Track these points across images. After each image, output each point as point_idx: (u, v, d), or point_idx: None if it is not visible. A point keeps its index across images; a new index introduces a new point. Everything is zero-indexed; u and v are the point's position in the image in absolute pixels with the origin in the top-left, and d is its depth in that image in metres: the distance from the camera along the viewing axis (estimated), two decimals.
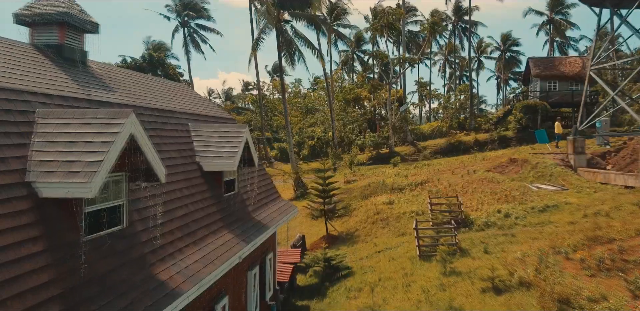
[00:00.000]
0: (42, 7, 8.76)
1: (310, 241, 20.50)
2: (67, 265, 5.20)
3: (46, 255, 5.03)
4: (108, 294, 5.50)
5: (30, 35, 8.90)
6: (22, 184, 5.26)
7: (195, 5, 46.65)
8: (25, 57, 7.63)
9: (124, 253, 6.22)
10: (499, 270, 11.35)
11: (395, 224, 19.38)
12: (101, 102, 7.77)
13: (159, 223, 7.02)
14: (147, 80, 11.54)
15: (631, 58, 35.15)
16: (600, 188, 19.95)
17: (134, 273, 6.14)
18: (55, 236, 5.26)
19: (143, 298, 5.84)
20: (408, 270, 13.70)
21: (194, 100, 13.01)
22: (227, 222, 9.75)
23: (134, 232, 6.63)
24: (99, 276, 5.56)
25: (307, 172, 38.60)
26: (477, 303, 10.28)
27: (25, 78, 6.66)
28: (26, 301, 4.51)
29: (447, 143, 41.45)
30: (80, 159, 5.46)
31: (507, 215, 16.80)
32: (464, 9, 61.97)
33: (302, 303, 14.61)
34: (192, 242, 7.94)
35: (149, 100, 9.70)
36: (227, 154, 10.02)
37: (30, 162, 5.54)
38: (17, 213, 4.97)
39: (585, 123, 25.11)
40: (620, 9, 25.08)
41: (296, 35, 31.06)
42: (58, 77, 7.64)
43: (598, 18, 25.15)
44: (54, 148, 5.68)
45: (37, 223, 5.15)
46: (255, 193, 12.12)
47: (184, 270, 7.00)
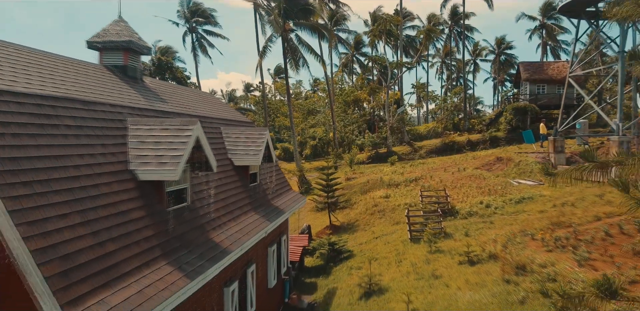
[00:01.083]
0: (110, 35, 11.21)
1: (315, 231, 22.92)
2: (159, 226, 7.62)
3: (147, 218, 7.45)
4: (185, 247, 7.92)
5: (100, 57, 11.34)
6: (127, 171, 7.67)
7: (203, 12, 49.01)
8: (103, 77, 10.05)
9: (191, 222, 8.64)
10: (474, 248, 13.77)
11: (390, 215, 21.81)
12: (163, 111, 10.20)
13: (212, 202, 9.45)
14: (185, 92, 13.98)
15: (607, 65, 37.58)
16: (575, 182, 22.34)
17: (198, 236, 8.57)
18: (150, 207, 7.68)
19: (207, 253, 8.27)
20: (400, 251, 16.14)
21: (221, 107, 15.45)
22: (253, 205, 12.18)
23: (195, 207, 9.05)
24: (178, 235, 7.99)
25: (309, 170, 41.05)
26: (454, 272, 12.71)
27: (112, 94, 9.08)
28: (141, 246, 6.93)
29: (441, 143, 43.86)
30: (167, 154, 7.88)
31: (488, 205, 19.24)
32: (459, 14, 64.36)
33: (310, 280, 17.05)
34: (231, 218, 10.37)
35: (192, 109, 12.13)
36: (253, 152, 12.43)
37: (129, 155, 7.95)
38: (127, 190, 7.39)
39: (564, 125, 27.52)
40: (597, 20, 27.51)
41: (300, 42, 33.49)
42: (130, 92, 10.07)
43: (576, 29, 27.58)
44: (146, 146, 8.09)
45: (139, 197, 7.57)
46: (273, 185, 14.55)
47: (229, 237, 9.43)
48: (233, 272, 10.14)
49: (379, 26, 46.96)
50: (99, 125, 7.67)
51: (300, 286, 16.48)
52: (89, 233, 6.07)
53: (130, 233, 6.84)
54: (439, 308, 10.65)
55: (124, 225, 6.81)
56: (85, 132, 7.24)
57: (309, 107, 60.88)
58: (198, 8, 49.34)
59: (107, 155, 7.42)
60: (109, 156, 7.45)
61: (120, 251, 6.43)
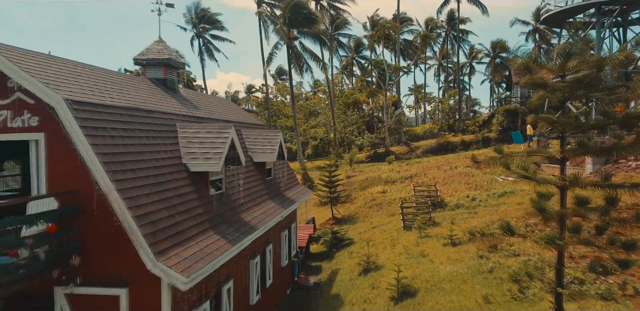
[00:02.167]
0: (152, 53, 13.54)
1: (319, 223, 25.23)
2: (206, 206, 9.94)
3: (197, 200, 9.77)
4: (225, 223, 10.25)
5: (143, 72, 13.68)
6: (181, 164, 9.99)
7: (210, 17, 51.30)
8: (151, 89, 12.38)
9: (227, 205, 10.97)
10: (457, 233, 16.10)
11: (387, 208, 24.15)
12: (199, 117, 12.53)
13: (241, 190, 11.79)
14: (211, 99, 16.33)
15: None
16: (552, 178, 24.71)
17: (233, 215, 10.90)
18: (199, 191, 10.00)
19: (240, 228, 10.60)
20: (394, 237, 18.47)
21: (240, 112, 17.79)
22: (270, 195, 14.51)
23: (228, 194, 11.38)
24: (219, 214, 10.32)
25: (311, 169, 43.37)
26: (439, 251, 15.03)
27: (162, 104, 11.40)
28: (196, 219, 9.25)
29: (436, 144, 46.22)
30: (211, 151, 10.21)
31: (474, 198, 21.57)
32: (455, 19, 66.71)
33: (315, 264, 19.38)
34: (255, 204, 12.70)
35: (219, 114, 14.47)
36: (269, 150, 14.75)
37: (181, 152, 10.27)
38: (183, 178, 9.71)
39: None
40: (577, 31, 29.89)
41: (304, 49, 35.78)
42: (172, 101, 12.40)
43: (559, 38, 29.94)
44: (193, 145, 10.42)
45: (191, 184, 9.89)
46: (285, 179, 16.89)
47: (255, 218, 11.76)
48: (256, 247, 12.46)
49: (378, 32, 49.29)
50: (158, 129, 10.01)
51: (307, 269, 18.79)
52: (164, 207, 8.41)
53: (189, 209, 9.17)
54: (424, 277, 12.97)
55: (184, 203, 9.14)
56: (151, 134, 9.58)
57: (310, 109, 63.20)
58: (205, 14, 51.62)
59: (167, 151, 9.75)
60: (169, 152, 9.78)
61: (184, 221, 8.76)
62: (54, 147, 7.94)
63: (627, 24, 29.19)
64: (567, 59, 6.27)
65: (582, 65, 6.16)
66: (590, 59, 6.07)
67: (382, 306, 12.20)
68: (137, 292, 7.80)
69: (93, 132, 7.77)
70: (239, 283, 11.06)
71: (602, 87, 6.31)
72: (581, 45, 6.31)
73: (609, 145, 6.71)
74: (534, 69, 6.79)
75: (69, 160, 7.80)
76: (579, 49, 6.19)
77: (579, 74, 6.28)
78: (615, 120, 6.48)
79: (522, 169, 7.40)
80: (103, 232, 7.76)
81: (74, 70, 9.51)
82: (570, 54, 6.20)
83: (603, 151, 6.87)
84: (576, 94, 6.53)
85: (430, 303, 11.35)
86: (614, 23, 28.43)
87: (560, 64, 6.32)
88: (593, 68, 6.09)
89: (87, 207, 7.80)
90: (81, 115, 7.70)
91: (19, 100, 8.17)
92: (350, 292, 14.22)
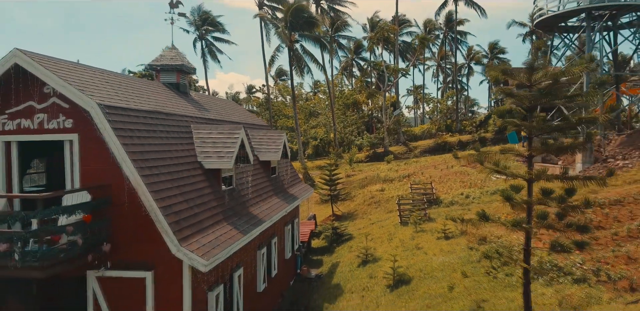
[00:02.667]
0: (166, 59, 14.57)
1: (320, 220, 26.25)
2: (219, 200, 10.97)
3: (212, 194, 10.80)
4: (236, 216, 11.27)
5: (157, 76, 14.71)
6: (197, 162, 11.01)
7: (212, 20, 52.33)
8: (166, 92, 13.40)
9: (237, 199, 12.00)
10: (450, 227, 17.12)
11: (385, 205, 25.18)
12: (210, 119, 13.55)
13: (249, 186, 12.82)
14: (218, 101, 17.36)
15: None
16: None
17: (242, 209, 11.93)
18: (213, 187, 11.03)
19: (250, 220, 11.62)
20: (392, 232, 19.49)
21: (245, 113, 18.83)
22: (275, 192, 15.54)
23: (238, 190, 12.41)
24: (231, 207, 11.34)
25: (311, 168, 44.40)
26: (432, 244, 16.06)
27: (177, 106, 12.42)
28: (211, 211, 10.27)
29: (434, 144, 47.27)
30: (223, 150, 11.23)
31: (467, 196, 22.60)
32: (454, 21, 67.79)
33: (317, 258, 20.40)
34: (261, 199, 13.73)
35: (227, 116, 15.50)
36: (274, 150, 15.78)
37: (196, 151, 11.29)
38: (199, 174, 10.73)
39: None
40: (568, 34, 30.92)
41: (304, 52, 36.82)
42: (185, 104, 13.42)
43: (551, 42, 30.95)
44: (207, 144, 11.44)
45: (206, 180, 10.91)
46: (288, 177, 17.92)
47: (262, 212, 12.78)
48: (263, 239, 13.49)
49: (377, 34, 50.33)
50: (176, 130, 11.04)
51: (309, 262, 19.81)
52: (184, 200, 9.43)
53: (205, 202, 10.19)
54: (418, 267, 13.99)
55: (200, 197, 10.17)
56: (170, 135, 10.61)
57: (310, 109, 64.23)
58: (207, 16, 52.63)
59: (184, 150, 10.78)
60: (185, 151, 10.81)
61: (201, 213, 9.78)
62: (86, 146, 8.97)
63: (617, 28, 30.22)
64: (531, 72, 7.29)
65: (544, 78, 7.18)
66: (551, 72, 7.09)
67: (379, 293, 13.23)
68: (161, 274, 8.82)
69: (123, 133, 8.80)
70: (248, 271, 12.08)
71: (561, 96, 7.33)
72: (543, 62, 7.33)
73: (566, 145, 7.72)
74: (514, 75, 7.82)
75: (100, 158, 8.84)
76: (542, 64, 7.22)
77: (541, 85, 7.29)
78: (572, 123, 7.49)
79: (493, 164, 8.40)
80: (131, 222, 8.78)
81: (101, 77, 10.54)
82: (534, 68, 7.22)
83: (560, 149, 7.89)
84: (541, 102, 7.54)
85: (422, 289, 12.38)
86: (605, 27, 29.46)
87: (526, 76, 7.34)
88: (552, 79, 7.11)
89: (116, 199, 8.83)
90: (112, 118, 8.73)
91: (54, 104, 9.21)
92: (350, 282, 15.25)
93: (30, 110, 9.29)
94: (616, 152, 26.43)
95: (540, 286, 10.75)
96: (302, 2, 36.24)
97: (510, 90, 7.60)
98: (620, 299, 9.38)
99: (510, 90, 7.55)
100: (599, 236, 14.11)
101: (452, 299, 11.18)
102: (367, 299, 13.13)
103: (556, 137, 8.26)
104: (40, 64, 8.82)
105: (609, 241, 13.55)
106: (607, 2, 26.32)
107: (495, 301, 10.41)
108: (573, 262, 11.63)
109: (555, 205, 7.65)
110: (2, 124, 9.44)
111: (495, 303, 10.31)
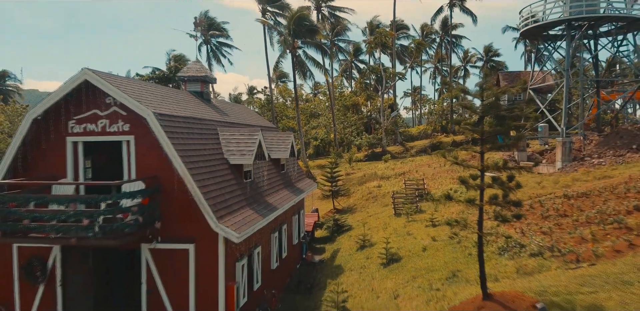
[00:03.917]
0: (192, 71, 16.99)
1: (321, 213, 28.68)
2: (242, 190, 13.38)
3: (237, 185, 13.20)
4: (256, 203, 13.68)
5: (184, 86, 17.12)
6: (223, 158, 13.42)
7: (217, 25, 54.83)
8: (194, 100, 15.81)
9: (255, 190, 14.41)
10: (437, 217, 19.54)
11: (382, 200, 27.61)
12: (230, 122, 15.96)
13: (265, 180, 15.24)
14: (235, 107, 19.78)
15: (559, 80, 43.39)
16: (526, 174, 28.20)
17: (260, 198, 14.34)
18: (237, 179, 13.44)
19: (267, 207, 14.04)
20: (387, 222, 21.91)
21: (258, 117, 21.27)
22: (284, 185, 17.96)
23: (256, 182, 14.82)
24: (251, 196, 13.76)
25: (313, 167, 46.82)
26: (421, 231, 18.48)
27: (204, 112, 14.83)
28: (238, 198, 12.68)
29: (430, 144, 49.70)
30: (244, 149, 13.64)
31: (456, 191, 24.97)
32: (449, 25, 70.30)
33: (320, 246, 22.82)
34: (274, 191, 16.14)
35: (243, 119, 17.92)
36: (283, 148, 18.18)
37: (222, 149, 13.69)
38: (227, 168, 13.14)
39: (526, 128, 33.37)
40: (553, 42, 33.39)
41: (307, 58, 39.29)
42: (210, 110, 15.83)
43: (536, 50, 33.40)
44: (231, 144, 13.84)
45: (231, 172, 13.31)
46: (295, 173, 20.34)
47: (276, 200, 15.20)
48: (276, 225, 15.90)
49: (376, 39, 52.79)
50: (207, 132, 13.45)
51: (313, 250, 22.22)
52: (217, 188, 11.84)
53: (232, 191, 12.60)
54: (407, 248, 16.40)
55: (229, 187, 12.58)
56: (203, 136, 13.02)
57: (311, 110, 66.70)
58: (213, 22, 55.10)
59: (213, 149, 13.20)
60: (214, 149, 13.22)
61: (230, 199, 12.19)
62: (140, 146, 11.37)
63: (597, 36, 32.70)
64: (482, 92, 9.69)
65: (490, 95, 9.56)
66: (493, 92, 9.51)
67: (374, 270, 15.64)
68: (201, 246, 11.21)
69: (171, 135, 11.21)
70: (265, 249, 14.50)
71: (502, 109, 9.74)
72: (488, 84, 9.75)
73: (503, 144, 10.12)
74: (471, 93, 10.26)
75: (152, 154, 11.24)
76: (488, 86, 9.63)
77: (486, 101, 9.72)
78: (509, 128, 9.92)
79: (453, 158, 10.81)
80: (177, 205, 11.18)
81: (149, 90, 12.97)
82: (484, 88, 9.61)
83: (499, 147, 10.40)
84: (489, 112, 9.94)
85: (410, 265, 14.78)
86: (585, 35, 31.94)
87: (479, 94, 9.74)
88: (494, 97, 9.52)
89: (164, 187, 11.23)
90: (164, 123, 11.13)
91: (115, 112, 11.63)
92: (349, 263, 17.67)
93: (95, 117, 11.69)
94: (593, 151, 28.89)
95: (505, 260, 13.17)
96: (304, 12, 38.72)
97: (467, 103, 10.06)
98: (565, 267, 11.77)
99: (466, 103, 10.01)
100: (562, 223, 16.52)
101: (434, 271, 13.58)
102: (364, 274, 15.55)
103: (509, 137, 10.65)
104: (106, 80, 11.23)
105: (570, 226, 15.96)
106: (585, 14, 28.80)
107: (467, 271, 12.81)
108: (534, 241, 14.04)
109: (498, 187, 10.05)
110: (71, 128, 11.84)
111: (467, 272, 12.71)
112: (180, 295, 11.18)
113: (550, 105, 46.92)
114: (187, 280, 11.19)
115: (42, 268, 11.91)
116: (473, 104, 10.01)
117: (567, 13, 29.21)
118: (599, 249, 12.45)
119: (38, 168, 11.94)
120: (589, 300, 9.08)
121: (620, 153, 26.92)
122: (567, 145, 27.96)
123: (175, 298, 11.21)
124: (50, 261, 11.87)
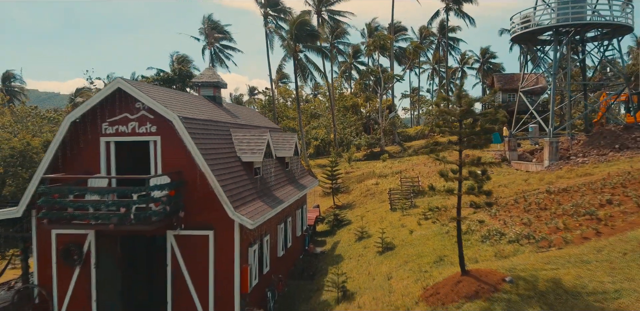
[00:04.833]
0: (205, 77, 18.67)
1: (322, 209, 30.37)
2: (253, 184, 15.06)
3: (248, 180, 14.89)
4: (265, 196, 15.36)
5: (198, 91, 18.80)
6: (236, 156, 15.10)
7: (221, 28, 56.52)
8: (209, 104, 17.48)
9: (264, 185, 16.09)
10: (429, 211, 21.22)
11: (379, 196, 29.31)
12: (240, 124, 17.65)
13: (272, 176, 16.94)
14: (242, 109, 21.48)
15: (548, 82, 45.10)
16: (515, 172, 29.92)
17: (269, 192, 16.02)
18: (249, 175, 15.12)
19: (275, 200, 15.73)
20: (383, 216, 23.60)
21: (264, 119, 22.97)
22: (289, 181, 19.64)
23: (264, 178, 16.50)
24: (261, 190, 15.44)
25: (313, 167, 48.51)
26: (414, 223, 20.17)
27: (218, 115, 16.51)
28: (249, 191, 14.35)
29: (426, 144, 51.37)
30: (255, 148, 15.32)
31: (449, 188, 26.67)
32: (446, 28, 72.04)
33: (321, 239, 24.50)
34: (280, 186, 17.83)
35: (252, 121, 19.60)
36: (287, 148, 19.86)
37: (235, 148, 15.36)
38: (239, 165, 14.82)
39: (516, 129, 35.05)
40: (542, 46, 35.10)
41: (308, 61, 41.00)
42: (222, 112, 17.51)
43: (526, 53, 35.09)
44: (242, 143, 15.52)
45: (243, 169, 14.99)
46: (298, 170, 22.03)
47: (282, 194, 16.88)
48: (282, 217, 17.59)
49: (374, 42, 54.50)
50: (222, 133, 15.14)
51: (314, 243, 23.89)
52: (233, 182, 13.52)
53: (245, 185, 14.29)
54: (401, 238, 18.10)
55: (242, 181, 14.27)
56: (219, 137, 14.70)
57: (311, 111, 68.42)
58: (216, 25, 56.78)
59: (227, 148, 14.88)
60: (228, 148, 14.91)
61: (243, 192, 13.87)
62: (166, 145, 13.04)
63: (584, 41, 34.40)
64: (460, 99, 11.38)
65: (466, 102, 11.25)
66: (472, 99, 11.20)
67: (371, 257, 17.33)
68: (219, 232, 12.88)
69: (194, 136, 12.88)
70: (272, 238, 16.18)
71: (476, 114, 11.45)
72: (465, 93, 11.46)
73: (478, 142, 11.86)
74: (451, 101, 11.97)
75: (176, 152, 12.91)
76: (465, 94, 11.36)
77: (462, 107, 11.44)
78: (482, 130, 11.63)
79: (434, 154, 12.51)
80: (198, 196, 12.84)
81: (172, 96, 14.65)
82: (460, 96, 11.30)
83: (474, 146, 12.12)
84: (466, 116, 11.64)
85: (403, 252, 16.46)
86: (572, 40, 33.63)
87: (457, 101, 11.44)
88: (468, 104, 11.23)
89: (187, 180, 12.89)
90: (187, 125, 12.81)
91: (143, 115, 13.30)
92: (348, 252, 19.36)
93: (126, 119, 13.36)
94: (578, 150, 30.59)
95: (486, 246, 14.86)
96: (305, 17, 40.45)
97: (446, 110, 11.74)
98: (536, 251, 13.45)
99: (445, 110, 11.68)
100: (541, 215, 18.20)
101: (423, 256, 15.26)
102: (361, 261, 17.24)
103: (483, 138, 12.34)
104: (136, 88, 12.91)
105: (547, 218, 17.65)
106: (571, 21, 30.50)
107: (452, 256, 14.49)
108: (513, 230, 15.73)
109: (472, 179, 11.75)
110: (104, 129, 13.52)
111: (452, 257, 14.39)
112: (201, 275, 12.86)
113: (542, 107, 48.65)
114: (207, 262, 12.85)
115: (78, 252, 13.58)
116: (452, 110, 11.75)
117: (555, 20, 30.91)
118: (569, 236, 14.13)
119: (74, 165, 13.61)
120: (551, 274, 10.77)
121: (603, 152, 28.61)
122: (554, 145, 29.64)
123: (196, 277, 12.88)
124: (86, 246, 13.52)
